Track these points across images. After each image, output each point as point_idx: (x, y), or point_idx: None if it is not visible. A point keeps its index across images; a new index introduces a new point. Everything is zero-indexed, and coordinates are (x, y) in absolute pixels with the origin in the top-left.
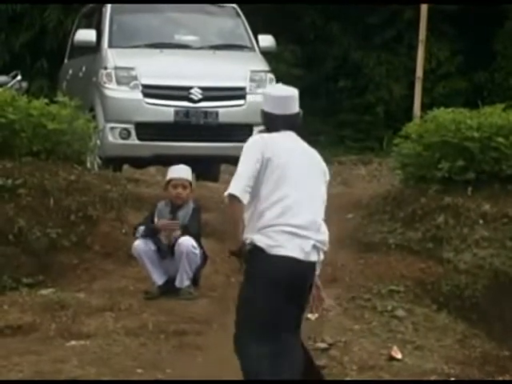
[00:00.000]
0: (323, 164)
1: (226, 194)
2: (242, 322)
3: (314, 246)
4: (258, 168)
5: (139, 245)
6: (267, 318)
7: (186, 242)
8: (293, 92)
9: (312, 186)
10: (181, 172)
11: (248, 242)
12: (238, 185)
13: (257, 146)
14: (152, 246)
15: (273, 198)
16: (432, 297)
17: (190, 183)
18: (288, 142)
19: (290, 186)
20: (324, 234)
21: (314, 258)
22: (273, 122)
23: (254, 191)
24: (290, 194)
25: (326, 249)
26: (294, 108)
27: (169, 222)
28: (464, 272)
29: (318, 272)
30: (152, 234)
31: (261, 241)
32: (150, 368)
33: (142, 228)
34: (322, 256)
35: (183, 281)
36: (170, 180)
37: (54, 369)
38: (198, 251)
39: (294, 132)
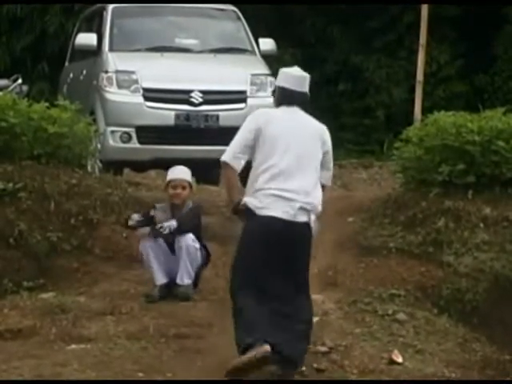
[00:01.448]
0: (323, 135)
1: (221, 160)
2: (234, 268)
3: (301, 208)
4: (251, 138)
5: (148, 241)
6: (253, 268)
7: (185, 236)
8: (307, 74)
9: (304, 156)
10: (180, 173)
11: (242, 203)
12: (230, 152)
13: (253, 119)
14: (161, 244)
15: (265, 165)
16: (433, 300)
17: (190, 184)
18: (287, 115)
19: (280, 154)
20: (313, 198)
21: (302, 218)
22: (287, 98)
23: (252, 159)
24: (279, 162)
25: (316, 210)
26: (306, 87)
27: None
28: (465, 276)
29: (314, 230)
30: (148, 222)
31: (251, 202)
32: (151, 371)
33: (136, 215)
34: (313, 217)
35: (183, 278)
36: (170, 181)
37: (55, 372)
38: (198, 245)
39: (300, 108)
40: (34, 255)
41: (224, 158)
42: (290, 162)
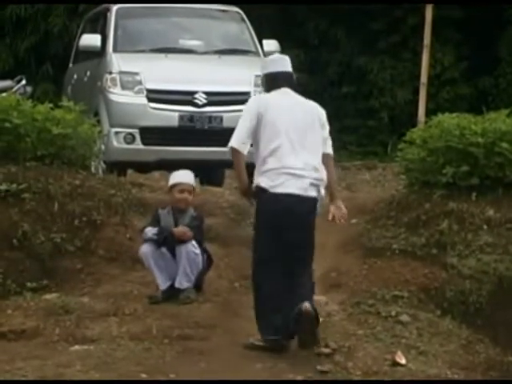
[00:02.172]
0: (319, 111)
1: (228, 146)
2: (253, 249)
3: (312, 184)
4: (254, 123)
5: (147, 247)
6: (268, 246)
7: (186, 243)
8: (285, 56)
9: (306, 133)
10: (186, 177)
11: (254, 185)
12: (237, 138)
13: (254, 105)
14: (161, 250)
15: (271, 146)
16: (436, 302)
17: (194, 188)
18: (283, 98)
19: (283, 135)
20: (320, 172)
21: (312, 193)
22: (275, 80)
23: (256, 142)
24: (284, 142)
25: (323, 185)
26: (289, 67)
27: (184, 231)
28: (468, 277)
29: (319, 204)
30: (164, 239)
31: (264, 182)
32: (154, 372)
33: (151, 230)
34: (322, 191)
35: (182, 282)
36: (176, 185)
37: (58, 373)
38: (198, 251)
39: (291, 89)
40: (38, 256)
41: (232, 143)
42: (294, 140)
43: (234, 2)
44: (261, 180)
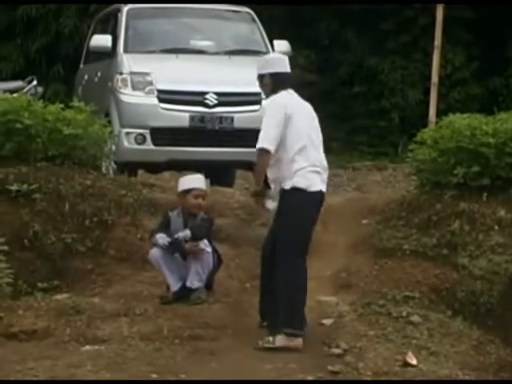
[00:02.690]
0: (314, 111)
1: (257, 146)
2: (290, 245)
3: (324, 180)
4: (283, 124)
5: (158, 251)
6: (307, 240)
7: (197, 242)
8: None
9: (315, 134)
10: (200, 182)
11: (288, 186)
12: (267, 139)
13: (281, 106)
14: (170, 252)
15: (297, 146)
16: (447, 303)
17: (206, 192)
18: (294, 99)
19: (306, 135)
20: (327, 169)
21: (325, 188)
22: (284, 81)
23: (282, 143)
24: (307, 142)
25: None
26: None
27: (197, 249)
28: (479, 278)
29: None
30: (175, 249)
31: (300, 182)
32: (165, 373)
33: (163, 237)
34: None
35: (194, 281)
36: (190, 190)
37: (69, 373)
38: (209, 249)
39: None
40: (49, 256)
41: (263, 145)
42: (311, 140)
43: (244, 3)
44: (296, 181)
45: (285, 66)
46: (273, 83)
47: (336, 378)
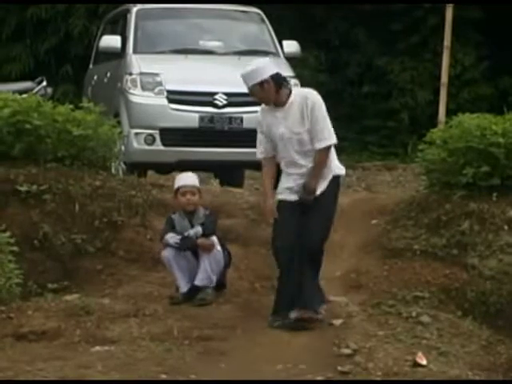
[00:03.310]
0: None
1: (328, 143)
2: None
3: None
4: None
5: (170, 251)
6: None
7: (208, 239)
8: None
9: None
10: (187, 179)
11: (342, 176)
12: (332, 133)
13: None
14: (183, 252)
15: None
16: (457, 303)
17: (199, 189)
18: None
19: None
20: None
21: None
22: (282, 78)
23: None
24: None
25: None
26: None
27: (209, 243)
28: (489, 278)
29: None
30: (186, 246)
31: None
32: (175, 373)
33: (173, 237)
34: None
35: (203, 279)
36: (178, 188)
37: (79, 374)
38: (219, 248)
39: None
40: (59, 257)
41: (334, 140)
42: None
43: (253, 3)
44: (340, 167)
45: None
46: (277, 83)
47: (346, 379)
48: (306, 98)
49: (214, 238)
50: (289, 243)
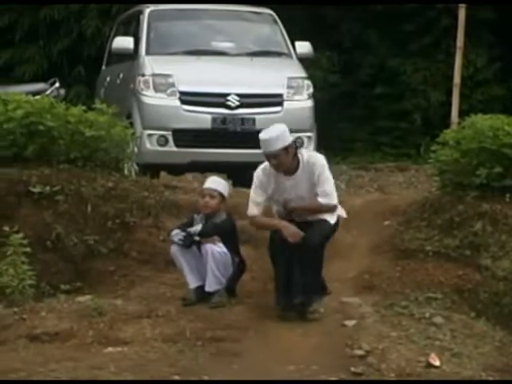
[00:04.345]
0: None
1: (332, 202)
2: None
3: None
4: None
5: (177, 247)
6: None
7: (209, 242)
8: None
9: None
10: (210, 182)
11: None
12: (334, 193)
13: None
14: (192, 249)
15: None
16: (470, 304)
17: (221, 194)
18: None
19: None
20: None
21: None
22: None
23: None
24: None
25: None
26: None
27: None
28: (502, 279)
29: None
30: (190, 242)
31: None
32: (187, 374)
33: (177, 234)
34: None
35: (212, 285)
36: (202, 190)
37: (91, 375)
38: (224, 250)
39: None
40: (71, 258)
41: (335, 200)
42: None
43: (266, 4)
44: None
45: None
46: (295, 148)
47: (359, 379)
48: (313, 165)
49: (218, 242)
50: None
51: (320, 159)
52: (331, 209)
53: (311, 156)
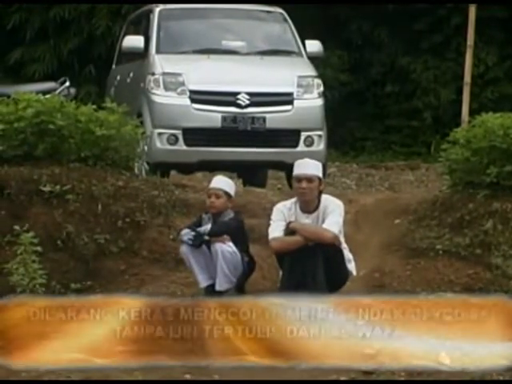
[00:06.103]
0: None
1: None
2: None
3: None
4: None
5: (187, 246)
6: None
7: (219, 241)
8: None
9: None
10: (216, 182)
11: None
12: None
13: None
14: (202, 248)
15: None
16: None
17: (227, 193)
18: None
19: None
20: None
21: None
22: None
23: None
24: None
25: None
26: None
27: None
28: None
29: None
30: (200, 241)
31: None
32: (198, 373)
33: (187, 233)
34: None
35: (222, 284)
36: (208, 189)
37: (102, 374)
38: (234, 249)
39: None
40: (82, 257)
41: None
42: None
43: (276, 2)
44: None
45: None
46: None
47: (369, 379)
48: (330, 203)
49: (229, 242)
50: None
51: (337, 201)
52: (331, 239)
53: (329, 198)
